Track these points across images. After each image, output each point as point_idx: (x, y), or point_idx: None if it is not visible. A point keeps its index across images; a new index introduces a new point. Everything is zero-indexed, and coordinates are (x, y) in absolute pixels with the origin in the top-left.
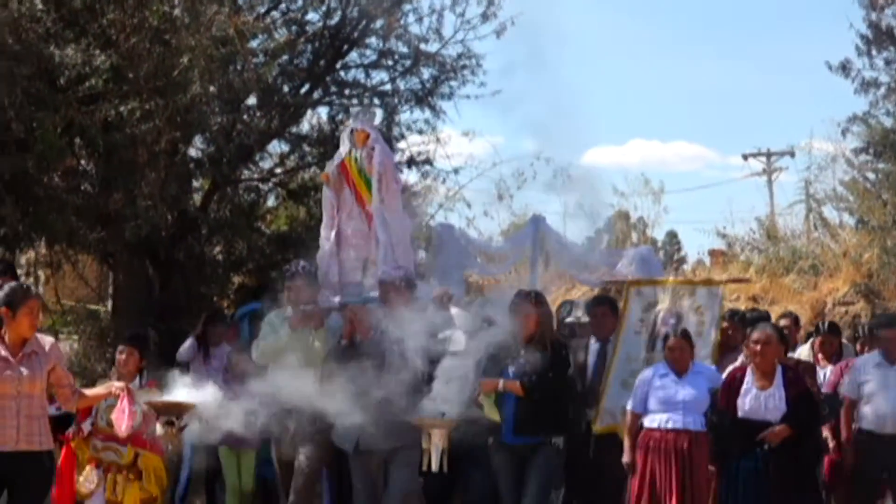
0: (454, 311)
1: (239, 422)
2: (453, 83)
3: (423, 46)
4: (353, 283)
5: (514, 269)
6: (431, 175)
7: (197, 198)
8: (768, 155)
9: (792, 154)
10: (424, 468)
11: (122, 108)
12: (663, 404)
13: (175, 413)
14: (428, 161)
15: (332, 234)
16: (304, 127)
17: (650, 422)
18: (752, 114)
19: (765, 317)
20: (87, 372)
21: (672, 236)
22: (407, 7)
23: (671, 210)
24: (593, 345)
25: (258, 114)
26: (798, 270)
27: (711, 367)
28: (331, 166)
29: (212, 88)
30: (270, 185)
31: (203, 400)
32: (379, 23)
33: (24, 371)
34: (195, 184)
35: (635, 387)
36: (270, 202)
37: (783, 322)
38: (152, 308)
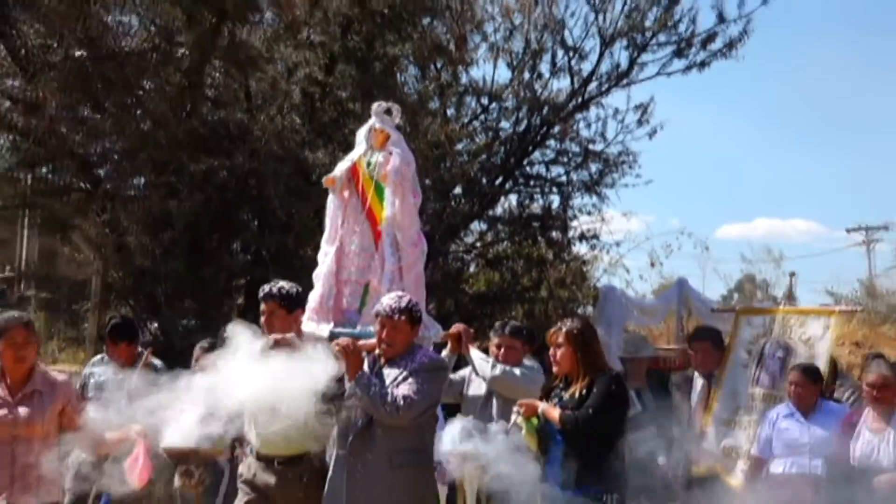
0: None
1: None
2: (615, 175)
3: (591, 146)
4: (350, 311)
5: (663, 320)
6: (598, 247)
7: None
8: (867, 229)
9: (887, 228)
10: None
11: None
12: (788, 447)
13: (195, 462)
14: (595, 236)
15: (333, 249)
16: (498, 210)
17: (774, 466)
18: (855, 195)
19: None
20: None
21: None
22: (578, 116)
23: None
24: (698, 380)
25: (463, 200)
26: (894, 321)
27: (842, 405)
28: (339, 169)
29: (427, 181)
30: (472, 255)
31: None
32: (556, 129)
33: (22, 412)
34: None
35: (759, 429)
36: (472, 269)
37: None
38: None
